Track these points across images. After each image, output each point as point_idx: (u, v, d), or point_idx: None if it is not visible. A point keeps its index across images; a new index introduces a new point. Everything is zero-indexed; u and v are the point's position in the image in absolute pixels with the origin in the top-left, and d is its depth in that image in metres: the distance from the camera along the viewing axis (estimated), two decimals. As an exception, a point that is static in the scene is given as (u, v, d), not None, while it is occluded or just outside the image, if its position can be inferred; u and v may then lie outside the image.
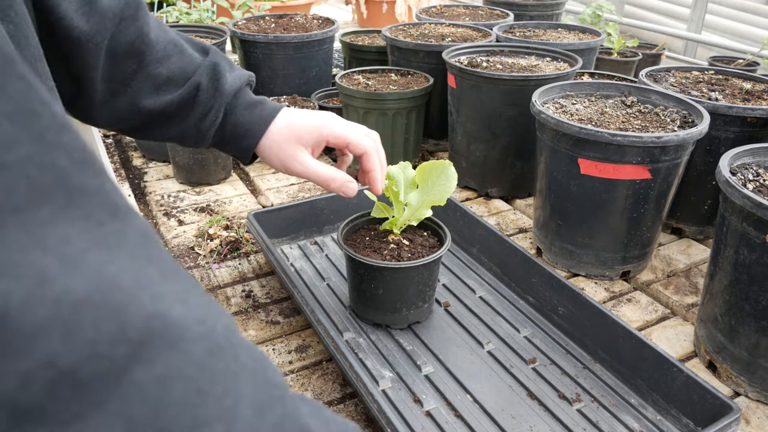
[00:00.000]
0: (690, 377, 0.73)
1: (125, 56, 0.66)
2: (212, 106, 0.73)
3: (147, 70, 0.68)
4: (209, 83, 0.72)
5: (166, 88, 0.70)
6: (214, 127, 0.74)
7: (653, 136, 0.91)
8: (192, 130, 0.73)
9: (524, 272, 0.96)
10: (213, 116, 0.73)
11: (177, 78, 0.71)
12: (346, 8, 4.07)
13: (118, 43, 0.65)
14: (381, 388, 0.79)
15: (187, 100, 0.71)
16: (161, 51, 0.69)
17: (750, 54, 2.25)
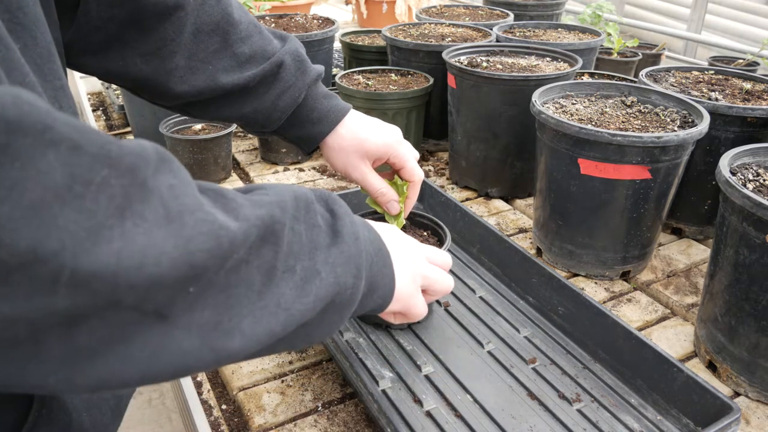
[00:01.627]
0: (690, 377, 0.73)
1: (210, 34, 0.68)
2: (294, 83, 0.74)
3: (231, 49, 0.70)
4: (293, 63, 0.74)
5: (248, 65, 0.72)
6: (294, 106, 0.75)
7: (653, 136, 0.92)
8: (269, 106, 0.74)
9: (524, 272, 0.96)
10: (294, 94, 0.74)
11: (259, 56, 0.72)
12: (346, 8, 4.07)
13: (203, 21, 0.68)
14: (381, 388, 0.79)
15: (269, 76, 0.73)
16: (244, 31, 0.71)
17: (750, 54, 2.25)
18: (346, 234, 0.47)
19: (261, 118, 0.75)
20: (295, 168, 1.51)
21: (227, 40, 0.70)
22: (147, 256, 0.30)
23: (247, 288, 0.38)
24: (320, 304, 0.43)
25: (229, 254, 0.35)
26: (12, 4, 0.40)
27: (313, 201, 0.47)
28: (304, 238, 0.44)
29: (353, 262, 0.47)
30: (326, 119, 0.78)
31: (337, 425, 0.77)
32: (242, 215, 0.38)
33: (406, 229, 0.95)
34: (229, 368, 0.85)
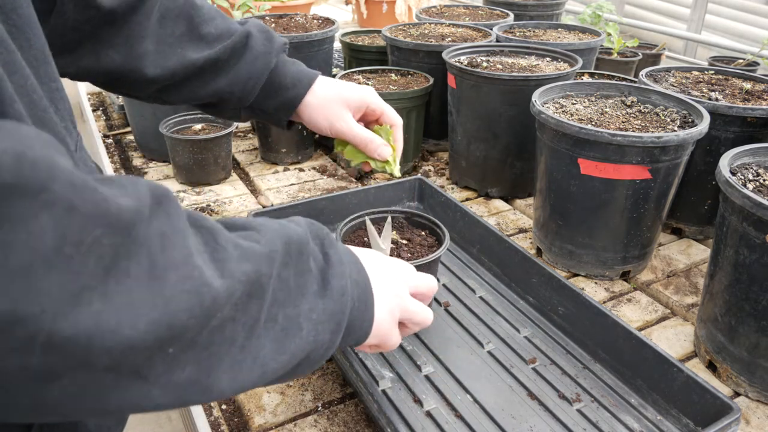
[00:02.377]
0: (690, 377, 0.73)
1: (175, 19, 0.71)
2: (264, 51, 0.76)
3: (197, 31, 0.73)
4: (259, 33, 0.76)
5: (216, 42, 0.74)
6: (267, 72, 0.76)
7: (653, 136, 0.92)
8: (243, 76, 0.75)
9: (524, 272, 0.96)
10: (266, 59, 0.76)
11: (225, 33, 0.75)
12: (346, 8, 4.07)
13: (167, 8, 0.71)
14: (381, 388, 0.79)
15: (239, 47, 0.75)
16: (207, 14, 0.74)
17: (750, 54, 2.25)
18: (335, 287, 0.47)
19: (237, 91, 0.76)
20: (295, 168, 1.51)
21: (192, 23, 0.72)
22: (124, 318, 0.30)
23: (230, 345, 0.37)
24: (295, 360, 0.43)
25: (211, 312, 0.35)
26: (6, 6, 0.40)
27: (308, 242, 0.46)
28: (292, 283, 0.43)
29: (335, 319, 0.46)
30: (300, 82, 0.79)
31: (337, 425, 0.77)
32: (228, 271, 0.37)
33: (405, 229, 0.95)
34: (229, 368, 0.85)
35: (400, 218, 0.97)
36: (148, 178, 1.43)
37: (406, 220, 0.97)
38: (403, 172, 1.48)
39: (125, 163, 1.53)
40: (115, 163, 1.52)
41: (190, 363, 0.35)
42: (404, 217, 0.97)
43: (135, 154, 1.57)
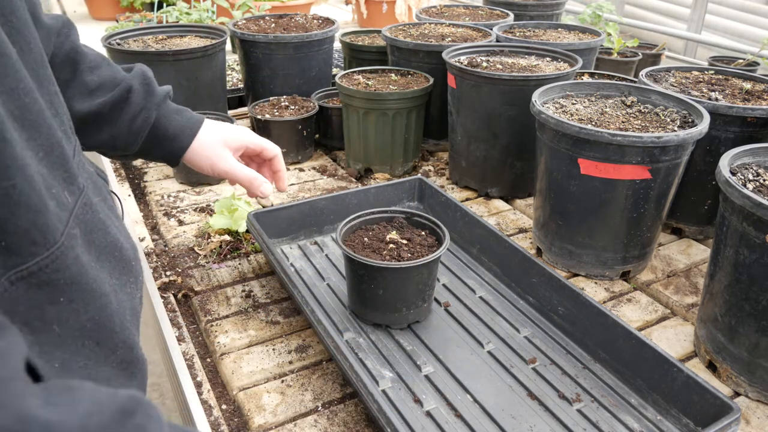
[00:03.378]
0: (690, 377, 0.73)
1: (61, 65, 0.72)
2: (144, 105, 0.78)
3: (81, 78, 0.74)
4: (140, 87, 0.78)
5: (98, 93, 0.75)
6: (147, 127, 0.78)
7: (653, 136, 0.92)
8: (124, 131, 0.77)
9: (524, 272, 0.96)
10: (145, 115, 0.78)
11: (108, 84, 0.76)
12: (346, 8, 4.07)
13: (55, 55, 0.71)
14: (381, 388, 0.79)
15: (119, 101, 0.76)
16: (92, 61, 0.76)
17: (750, 54, 2.25)
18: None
19: (120, 144, 0.78)
20: (295, 168, 1.51)
21: (77, 69, 0.73)
22: None
23: None
24: None
25: None
26: (5, 8, 0.40)
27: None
28: None
29: None
30: (182, 134, 0.82)
31: (337, 425, 0.77)
32: None
33: (405, 229, 0.95)
34: (228, 368, 0.85)
35: (400, 218, 0.97)
36: (148, 178, 1.43)
37: (406, 220, 0.97)
38: (403, 172, 1.48)
39: (125, 163, 1.53)
40: (114, 163, 1.52)
41: None
42: (404, 217, 0.97)
43: (135, 154, 1.57)
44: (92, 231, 0.49)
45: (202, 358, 0.89)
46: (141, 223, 1.24)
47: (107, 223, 0.53)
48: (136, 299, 0.59)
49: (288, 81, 1.69)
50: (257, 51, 1.65)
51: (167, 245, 1.16)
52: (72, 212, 0.46)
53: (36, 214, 0.39)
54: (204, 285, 1.03)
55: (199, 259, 1.11)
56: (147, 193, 1.37)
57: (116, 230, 0.57)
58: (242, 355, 0.87)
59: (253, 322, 0.94)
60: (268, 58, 1.66)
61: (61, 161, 0.45)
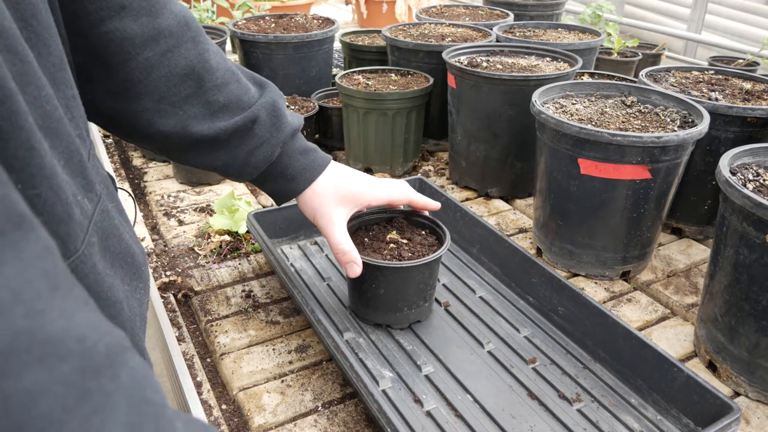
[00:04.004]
0: (690, 377, 0.73)
1: (183, 78, 0.65)
2: (268, 140, 0.72)
3: (204, 96, 0.67)
4: (268, 118, 0.71)
5: (221, 115, 0.69)
6: (267, 163, 0.73)
7: (653, 136, 0.92)
8: (240, 161, 0.71)
9: (524, 272, 0.96)
10: (268, 151, 0.72)
11: (233, 107, 0.69)
12: (346, 8, 4.07)
13: (175, 64, 0.64)
14: (381, 388, 0.79)
15: (241, 130, 0.70)
16: (220, 78, 0.68)
17: (750, 54, 2.25)
18: None
19: (232, 172, 0.73)
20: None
21: (201, 86, 0.67)
22: None
23: None
24: None
25: None
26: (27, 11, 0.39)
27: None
28: None
29: None
30: (301, 177, 0.75)
31: (337, 425, 0.77)
32: None
33: (405, 229, 0.95)
34: (228, 368, 0.85)
35: (399, 218, 0.97)
36: (148, 178, 1.43)
37: (406, 219, 0.97)
38: (403, 172, 1.48)
39: (125, 163, 1.53)
40: (115, 163, 1.52)
41: None
42: (404, 217, 0.97)
43: (135, 154, 1.57)
44: (108, 237, 0.48)
45: (202, 358, 0.89)
46: (141, 223, 1.24)
47: (121, 229, 0.52)
48: (144, 305, 0.59)
49: (288, 81, 1.69)
50: (257, 51, 1.66)
51: (167, 245, 1.16)
52: (91, 219, 0.45)
53: (59, 223, 0.38)
54: (204, 285, 1.03)
55: (199, 259, 1.11)
56: (147, 193, 1.37)
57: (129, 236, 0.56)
58: (242, 355, 0.87)
59: (253, 322, 0.94)
60: (268, 58, 1.66)
61: (80, 168, 0.44)
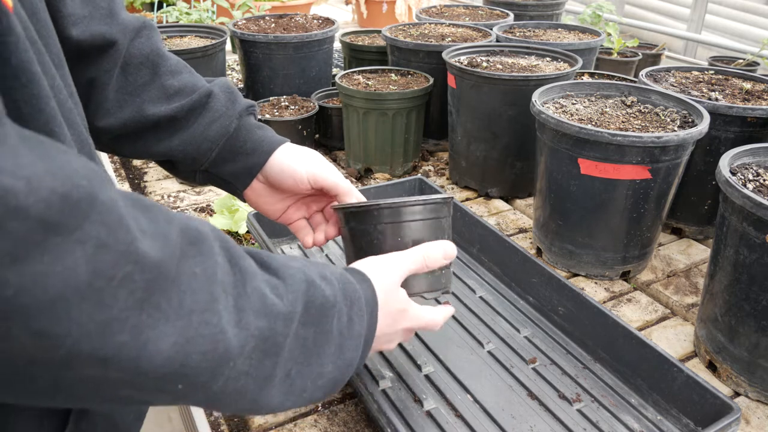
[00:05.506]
0: (690, 377, 0.73)
1: (140, 66, 0.68)
2: (224, 113, 0.72)
3: (160, 81, 0.69)
4: (223, 94, 0.72)
5: (177, 97, 0.70)
6: (225, 136, 0.72)
7: (653, 136, 0.92)
8: (198, 137, 0.71)
9: (524, 272, 0.96)
10: (225, 122, 0.72)
11: (188, 89, 0.71)
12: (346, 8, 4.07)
13: (132, 55, 0.67)
14: (381, 388, 0.79)
15: (197, 106, 0.71)
16: (174, 66, 0.71)
17: (750, 54, 2.25)
18: (347, 359, 0.50)
19: (191, 151, 0.72)
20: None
21: (156, 72, 0.69)
22: (144, 352, 0.33)
23: (239, 396, 0.40)
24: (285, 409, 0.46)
25: (223, 360, 0.37)
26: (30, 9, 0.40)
27: (334, 305, 0.48)
28: (309, 343, 0.46)
29: (335, 384, 0.49)
30: (260, 148, 0.74)
31: (337, 425, 0.77)
32: (244, 322, 0.39)
33: None
34: (229, 368, 0.85)
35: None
36: (148, 178, 1.43)
37: None
38: (403, 172, 1.48)
39: (125, 163, 1.53)
40: (115, 163, 1.52)
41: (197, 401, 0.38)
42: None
43: (135, 154, 1.57)
44: None
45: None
46: (141, 223, 1.24)
47: None
48: None
49: (288, 81, 1.69)
50: (257, 51, 1.66)
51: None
52: None
53: None
54: (204, 285, 1.03)
55: (199, 259, 1.11)
56: (147, 193, 1.37)
57: None
58: (242, 355, 0.87)
59: (253, 322, 0.94)
60: (268, 58, 1.66)
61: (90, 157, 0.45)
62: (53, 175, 0.28)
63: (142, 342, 0.32)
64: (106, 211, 0.31)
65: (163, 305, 0.33)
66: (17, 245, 0.27)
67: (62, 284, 0.29)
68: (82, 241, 0.29)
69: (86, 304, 0.30)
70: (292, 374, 0.44)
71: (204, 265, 0.37)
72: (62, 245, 0.29)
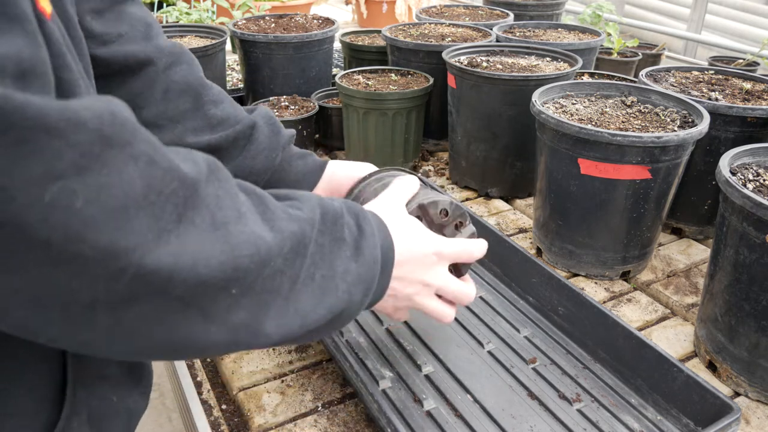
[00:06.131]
0: (690, 377, 0.73)
1: (181, 93, 0.69)
2: (268, 145, 0.73)
3: (203, 110, 0.70)
4: (266, 126, 0.73)
5: (220, 127, 0.71)
6: (271, 169, 0.73)
7: (653, 136, 0.92)
8: (244, 170, 0.72)
9: (524, 272, 0.96)
10: (270, 154, 0.73)
11: (231, 119, 0.71)
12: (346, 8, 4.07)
13: (173, 80, 0.68)
14: (381, 388, 0.79)
15: (241, 138, 0.71)
16: (216, 95, 0.71)
17: (750, 54, 2.25)
18: (368, 255, 0.52)
19: None
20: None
21: (199, 101, 0.69)
22: (198, 258, 0.35)
23: (276, 295, 0.43)
24: (330, 315, 0.48)
25: (266, 261, 0.40)
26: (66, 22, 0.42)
27: (342, 215, 0.51)
28: (327, 249, 0.48)
29: (366, 284, 0.51)
30: (306, 180, 0.76)
31: (337, 425, 0.77)
32: (277, 227, 0.43)
33: None
34: (229, 368, 0.85)
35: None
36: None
37: None
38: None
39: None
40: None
41: (245, 307, 0.40)
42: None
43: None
44: None
45: (202, 358, 0.89)
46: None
47: None
48: None
49: (288, 81, 1.69)
50: (257, 51, 1.66)
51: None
52: None
53: None
54: (204, 285, 1.03)
55: (199, 259, 1.11)
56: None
57: None
58: (242, 355, 0.87)
59: (253, 322, 0.94)
60: (268, 58, 1.66)
61: None
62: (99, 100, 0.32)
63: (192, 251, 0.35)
64: (147, 132, 0.34)
65: (198, 220, 0.36)
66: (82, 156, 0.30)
67: (123, 195, 0.31)
68: (135, 156, 0.32)
69: (143, 214, 0.32)
70: (316, 277, 0.46)
71: (226, 188, 0.40)
72: (118, 158, 0.31)
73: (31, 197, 0.29)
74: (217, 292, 0.37)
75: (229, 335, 0.40)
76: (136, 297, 0.34)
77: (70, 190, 0.29)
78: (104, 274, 0.32)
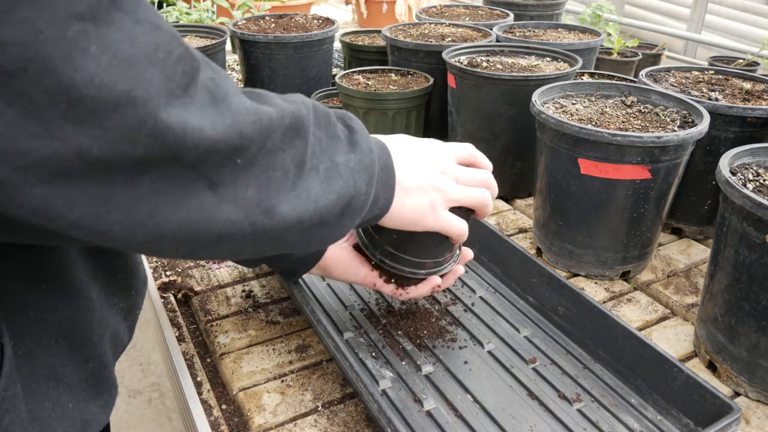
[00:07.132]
0: (690, 377, 0.73)
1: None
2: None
3: None
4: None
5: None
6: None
7: (653, 136, 0.92)
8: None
9: (524, 272, 0.96)
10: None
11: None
12: (346, 8, 4.07)
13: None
14: (381, 388, 0.79)
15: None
16: None
17: (750, 54, 2.25)
18: (363, 146, 0.53)
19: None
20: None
21: None
22: (206, 122, 0.37)
23: (283, 174, 0.44)
24: (340, 203, 0.49)
25: (269, 131, 0.42)
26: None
27: (331, 115, 0.53)
28: (324, 143, 0.50)
29: (368, 171, 0.53)
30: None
31: (337, 425, 0.77)
32: (275, 105, 0.45)
33: None
34: (229, 368, 0.85)
35: None
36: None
37: None
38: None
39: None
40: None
41: (252, 183, 0.42)
42: None
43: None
44: None
45: (202, 358, 0.89)
46: (141, 223, 1.24)
47: None
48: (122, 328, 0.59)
49: (288, 81, 1.69)
50: (257, 51, 1.66)
51: (167, 245, 1.16)
52: None
53: None
54: (204, 285, 1.03)
55: (199, 259, 1.11)
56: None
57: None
58: (242, 355, 0.87)
59: (253, 322, 0.94)
60: (268, 58, 1.66)
61: None
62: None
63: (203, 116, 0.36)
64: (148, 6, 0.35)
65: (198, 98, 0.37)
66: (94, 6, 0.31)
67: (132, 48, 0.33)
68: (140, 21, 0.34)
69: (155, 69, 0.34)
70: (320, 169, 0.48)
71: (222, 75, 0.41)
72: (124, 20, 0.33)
73: (56, 32, 0.30)
74: (224, 161, 0.39)
75: (242, 213, 0.41)
76: (152, 160, 0.35)
77: (86, 34, 0.31)
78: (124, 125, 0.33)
